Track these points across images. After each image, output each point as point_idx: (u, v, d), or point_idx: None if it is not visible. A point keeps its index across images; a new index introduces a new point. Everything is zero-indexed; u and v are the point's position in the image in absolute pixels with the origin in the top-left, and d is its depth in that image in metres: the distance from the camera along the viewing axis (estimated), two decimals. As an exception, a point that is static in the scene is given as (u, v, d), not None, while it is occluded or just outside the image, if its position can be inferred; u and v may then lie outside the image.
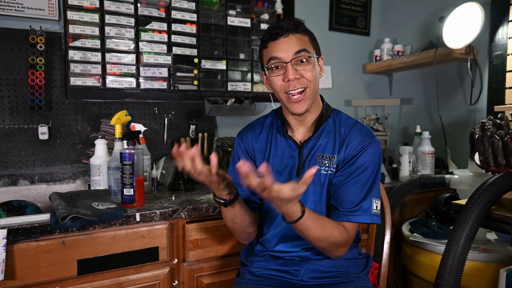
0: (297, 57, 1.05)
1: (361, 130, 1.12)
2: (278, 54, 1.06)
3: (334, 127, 1.14)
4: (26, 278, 1.17)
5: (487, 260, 1.44)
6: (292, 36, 1.06)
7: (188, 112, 2.09)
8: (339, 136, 1.12)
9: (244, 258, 1.22)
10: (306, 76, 1.06)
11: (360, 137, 1.10)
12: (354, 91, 2.70)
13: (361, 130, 1.12)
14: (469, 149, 1.70)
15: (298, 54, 1.05)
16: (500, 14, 1.94)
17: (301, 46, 1.06)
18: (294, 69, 1.05)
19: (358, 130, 1.12)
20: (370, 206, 1.06)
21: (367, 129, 1.14)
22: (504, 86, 1.92)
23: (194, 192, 1.67)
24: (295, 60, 1.05)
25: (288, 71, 1.05)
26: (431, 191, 2.01)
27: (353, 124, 1.14)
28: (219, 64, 1.96)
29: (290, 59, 1.05)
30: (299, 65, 1.06)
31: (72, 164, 1.86)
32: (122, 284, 1.32)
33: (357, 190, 1.06)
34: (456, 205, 1.30)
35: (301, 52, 1.05)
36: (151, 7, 1.80)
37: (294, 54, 1.05)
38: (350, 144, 1.10)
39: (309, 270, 1.10)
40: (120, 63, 1.76)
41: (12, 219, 1.17)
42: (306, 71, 1.06)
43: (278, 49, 1.06)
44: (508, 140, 1.30)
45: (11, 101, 1.73)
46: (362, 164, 1.07)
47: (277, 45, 1.06)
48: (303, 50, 1.05)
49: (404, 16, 2.58)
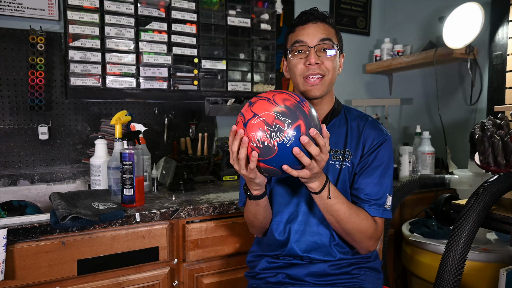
0: (321, 43, 1.08)
1: (374, 124, 1.14)
2: (304, 37, 1.09)
3: (346, 121, 1.16)
4: (26, 278, 1.17)
5: (487, 260, 1.44)
6: (321, 24, 1.10)
7: (188, 112, 2.09)
8: (351, 130, 1.13)
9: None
10: (327, 64, 1.09)
11: (375, 132, 1.11)
12: (354, 91, 2.70)
13: (374, 124, 1.14)
14: (469, 149, 1.70)
15: (323, 42, 1.08)
16: (500, 14, 1.94)
17: (327, 35, 1.09)
18: (316, 55, 1.08)
19: (371, 125, 1.13)
20: (384, 201, 1.09)
21: (378, 123, 1.15)
22: (504, 86, 1.92)
23: (194, 192, 1.67)
24: (319, 47, 1.08)
25: (311, 54, 1.07)
26: (431, 191, 2.01)
27: (365, 118, 1.16)
28: (219, 64, 1.96)
29: (315, 44, 1.08)
30: (321, 52, 1.09)
31: (72, 164, 1.86)
32: (122, 284, 1.32)
33: (373, 184, 1.08)
34: (456, 205, 1.30)
35: (326, 40, 1.08)
36: (151, 7, 1.80)
37: (319, 41, 1.08)
38: (367, 139, 1.11)
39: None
40: (120, 63, 1.76)
41: (12, 219, 1.17)
42: (327, 59, 1.09)
43: (305, 33, 1.09)
44: (508, 140, 1.30)
45: (11, 101, 1.73)
46: (380, 159, 1.09)
47: (304, 30, 1.10)
48: (328, 39, 1.09)
49: (404, 16, 2.58)
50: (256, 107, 0.87)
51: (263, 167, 0.89)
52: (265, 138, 0.84)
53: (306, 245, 1.10)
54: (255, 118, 0.86)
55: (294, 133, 0.84)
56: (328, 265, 1.09)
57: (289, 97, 0.89)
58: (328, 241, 1.10)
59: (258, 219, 1.13)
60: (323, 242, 1.10)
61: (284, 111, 0.85)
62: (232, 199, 1.51)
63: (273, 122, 0.84)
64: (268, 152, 0.85)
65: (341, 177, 1.10)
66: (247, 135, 0.86)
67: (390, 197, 1.11)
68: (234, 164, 0.92)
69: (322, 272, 1.09)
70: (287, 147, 0.84)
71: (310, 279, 1.09)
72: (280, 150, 0.84)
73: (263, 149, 0.85)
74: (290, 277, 1.11)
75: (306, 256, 1.10)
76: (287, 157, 0.85)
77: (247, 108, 0.89)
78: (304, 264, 1.11)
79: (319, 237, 1.10)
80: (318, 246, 1.10)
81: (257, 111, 0.86)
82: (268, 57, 2.09)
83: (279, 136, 0.84)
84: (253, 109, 0.88)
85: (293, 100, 0.88)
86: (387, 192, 1.09)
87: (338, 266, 1.10)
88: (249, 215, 1.15)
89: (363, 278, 1.10)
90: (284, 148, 0.84)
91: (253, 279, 1.18)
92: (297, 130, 0.84)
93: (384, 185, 1.08)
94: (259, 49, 2.08)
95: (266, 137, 0.84)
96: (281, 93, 0.90)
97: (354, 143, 1.12)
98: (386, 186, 1.09)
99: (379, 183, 1.08)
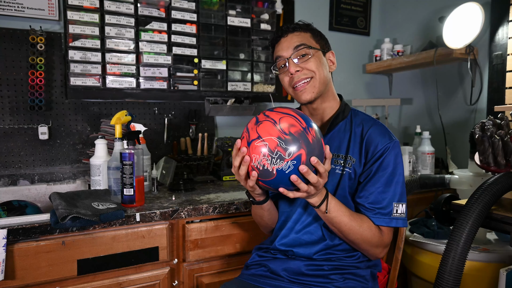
0: (296, 51, 1.11)
1: (379, 129, 1.10)
2: (280, 52, 1.14)
3: (350, 127, 1.14)
4: (26, 278, 1.17)
5: (487, 260, 1.44)
6: (291, 35, 1.14)
7: (188, 112, 2.09)
8: (354, 136, 1.12)
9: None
10: (308, 67, 1.11)
11: (379, 138, 1.08)
12: (354, 91, 2.70)
13: (379, 130, 1.10)
14: (469, 149, 1.70)
15: (297, 49, 1.11)
16: (500, 14, 1.94)
17: (300, 41, 1.12)
18: (294, 63, 1.11)
19: (375, 130, 1.10)
20: (391, 209, 1.06)
21: (385, 128, 1.12)
22: (504, 86, 1.92)
23: (194, 192, 1.67)
24: (295, 55, 1.11)
25: (289, 65, 1.11)
26: (431, 191, 2.01)
27: (370, 123, 1.13)
28: (219, 64, 1.96)
29: (290, 54, 1.11)
30: (300, 59, 1.12)
31: (72, 164, 1.86)
32: (122, 284, 1.32)
33: (377, 193, 1.06)
34: (456, 205, 1.30)
35: (300, 46, 1.11)
36: (151, 7, 1.80)
37: (293, 50, 1.11)
38: (369, 145, 1.08)
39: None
40: (120, 63, 1.76)
41: (12, 219, 1.17)
42: (306, 63, 1.11)
43: (280, 48, 1.14)
44: (508, 140, 1.30)
45: (11, 101, 1.73)
46: (385, 167, 1.06)
47: (279, 45, 1.15)
48: (301, 44, 1.11)
49: (404, 16, 2.58)
50: (261, 128, 0.89)
51: (262, 185, 0.93)
52: (266, 162, 0.87)
53: (293, 241, 1.13)
54: (259, 141, 0.88)
55: (294, 162, 0.86)
56: (304, 264, 1.09)
57: (296, 123, 0.89)
58: (317, 240, 1.11)
59: (264, 220, 1.20)
60: (312, 240, 1.11)
61: (287, 138, 0.86)
62: (232, 199, 1.51)
63: (275, 149, 0.86)
64: (267, 175, 0.88)
65: (341, 183, 1.10)
66: (249, 155, 0.89)
67: (401, 205, 1.06)
68: (236, 175, 0.96)
69: (297, 270, 1.09)
70: (286, 174, 0.86)
71: (285, 274, 1.10)
72: (278, 175, 0.87)
73: (263, 172, 0.88)
74: (270, 270, 1.13)
75: (290, 250, 1.13)
76: (284, 182, 0.88)
77: (253, 126, 0.91)
78: (284, 259, 1.14)
79: (309, 236, 1.12)
80: (305, 243, 1.12)
81: (261, 133, 0.88)
82: (268, 57, 2.09)
83: (279, 163, 0.86)
84: (258, 129, 0.90)
85: (299, 126, 0.89)
86: (394, 200, 1.05)
87: (316, 267, 1.09)
88: (255, 216, 1.22)
89: (340, 285, 1.06)
90: (283, 175, 0.87)
91: (245, 269, 1.22)
92: (297, 159, 0.86)
93: (390, 193, 1.05)
94: (259, 49, 2.08)
95: (267, 161, 0.86)
96: (289, 117, 0.91)
97: (357, 149, 1.10)
98: (393, 194, 1.05)
99: (384, 192, 1.05)
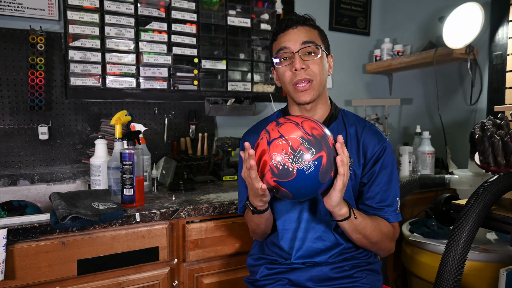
0: (304, 47, 1.06)
1: (372, 129, 1.13)
2: (286, 43, 1.07)
3: (344, 127, 1.14)
4: (26, 278, 1.17)
5: (487, 260, 1.44)
6: (301, 28, 1.08)
7: (188, 112, 2.09)
8: (350, 137, 1.12)
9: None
10: (313, 68, 1.07)
11: (375, 138, 1.10)
12: (354, 91, 2.70)
13: (372, 130, 1.13)
14: (469, 149, 1.70)
15: (306, 45, 1.06)
16: (500, 14, 1.94)
17: (309, 38, 1.07)
18: (301, 59, 1.06)
19: (369, 130, 1.12)
20: (396, 206, 1.10)
21: (376, 127, 1.15)
22: (504, 86, 1.92)
23: (194, 192, 1.67)
24: (303, 51, 1.06)
25: (295, 60, 1.05)
26: (431, 191, 2.01)
27: (363, 124, 1.14)
28: (219, 64, 1.96)
29: (298, 49, 1.06)
30: (306, 56, 1.07)
31: (72, 164, 1.86)
32: (122, 284, 1.32)
33: (382, 192, 1.08)
34: (456, 205, 1.30)
35: (309, 43, 1.06)
36: (151, 7, 1.80)
37: (301, 44, 1.06)
38: (367, 146, 1.10)
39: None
40: (120, 63, 1.75)
41: (12, 219, 1.17)
42: (313, 63, 1.07)
43: (287, 40, 1.08)
44: (508, 140, 1.30)
45: (11, 101, 1.73)
46: (385, 166, 1.09)
47: (286, 36, 1.08)
48: (311, 41, 1.07)
49: (404, 16, 2.58)
50: (283, 128, 0.89)
51: (275, 187, 0.90)
52: (287, 161, 0.85)
53: (309, 251, 1.10)
54: (281, 139, 0.87)
55: (315, 163, 0.85)
56: (330, 268, 1.08)
57: (317, 127, 0.90)
58: (331, 246, 1.09)
59: (260, 228, 1.14)
60: (327, 246, 1.09)
61: (310, 139, 0.87)
62: (232, 199, 1.51)
63: (298, 148, 0.85)
64: (286, 175, 0.86)
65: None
66: (269, 154, 0.87)
67: (399, 199, 1.12)
68: (247, 178, 0.93)
69: (324, 276, 1.08)
70: (306, 174, 0.85)
71: (311, 284, 1.08)
72: (298, 175, 0.86)
73: (282, 171, 0.86)
74: (292, 282, 1.10)
75: (308, 261, 1.10)
76: (302, 184, 0.87)
77: (274, 127, 0.91)
78: (305, 268, 1.10)
79: (322, 243, 1.09)
80: (321, 251, 1.10)
81: (284, 133, 0.88)
82: (268, 57, 2.09)
83: (300, 162, 0.85)
84: (280, 129, 0.89)
85: (320, 130, 0.89)
86: (397, 195, 1.11)
87: (340, 269, 1.09)
88: (251, 224, 1.16)
89: (365, 282, 1.09)
90: (303, 175, 0.85)
91: (252, 285, 1.18)
92: (318, 161, 0.86)
93: (392, 190, 1.09)
94: (259, 49, 2.08)
95: (288, 160, 0.85)
96: (310, 121, 0.91)
97: (355, 150, 1.10)
98: (395, 191, 1.10)
99: (388, 190, 1.09)
